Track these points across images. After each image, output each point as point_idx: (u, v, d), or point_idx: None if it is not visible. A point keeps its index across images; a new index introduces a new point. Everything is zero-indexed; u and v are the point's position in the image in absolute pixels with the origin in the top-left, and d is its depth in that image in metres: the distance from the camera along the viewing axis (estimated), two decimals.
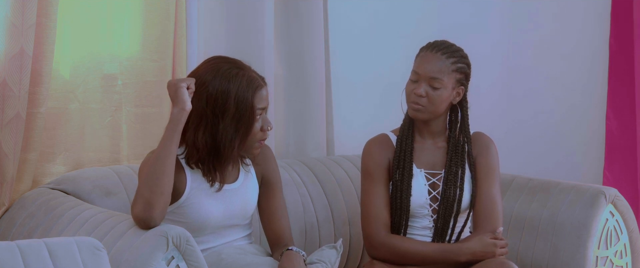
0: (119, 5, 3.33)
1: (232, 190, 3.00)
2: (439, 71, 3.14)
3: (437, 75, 3.14)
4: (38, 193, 3.13)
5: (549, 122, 4.39)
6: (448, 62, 3.15)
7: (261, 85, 2.93)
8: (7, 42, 3.00)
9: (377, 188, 3.18)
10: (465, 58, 3.20)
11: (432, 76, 3.14)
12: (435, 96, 3.15)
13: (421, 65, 3.16)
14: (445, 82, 3.14)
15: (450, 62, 3.15)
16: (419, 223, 3.21)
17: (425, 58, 3.17)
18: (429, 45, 3.20)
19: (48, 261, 2.34)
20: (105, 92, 3.33)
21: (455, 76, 3.16)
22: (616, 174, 4.09)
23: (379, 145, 3.25)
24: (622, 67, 4.08)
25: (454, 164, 3.20)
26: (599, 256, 3.43)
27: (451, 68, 3.15)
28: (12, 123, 3.04)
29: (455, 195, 3.17)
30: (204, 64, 2.95)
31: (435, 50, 3.16)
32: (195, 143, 2.90)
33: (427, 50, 3.18)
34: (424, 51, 3.19)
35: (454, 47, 3.19)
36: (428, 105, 3.16)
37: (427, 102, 3.15)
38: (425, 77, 3.14)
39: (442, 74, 3.14)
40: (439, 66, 3.14)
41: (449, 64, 3.15)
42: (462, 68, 3.17)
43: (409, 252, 3.15)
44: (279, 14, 3.71)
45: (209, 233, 2.97)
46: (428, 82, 3.15)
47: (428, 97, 3.15)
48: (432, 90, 3.15)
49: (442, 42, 3.19)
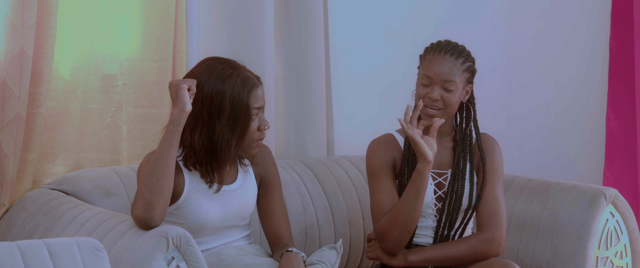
0: (119, 6, 3.33)
1: (230, 191, 3.00)
2: (452, 73, 3.14)
3: (450, 78, 3.13)
4: (38, 193, 3.13)
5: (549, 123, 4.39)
6: (458, 63, 3.15)
7: (256, 85, 2.93)
8: (7, 42, 3.00)
9: (386, 186, 3.18)
10: (470, 56, 3.21)
11: (445, 79, 3.13)
12: (449, 98, 3.14)
13: (432, 69, 3.15)
14: (458, 84, 3.14)
15: (459, 62, 3.15)
16: (423, 222, 3.22)
17: (434, 61, 3.15)
18: (435, 48, 3.18)
19: (48, 261, 2.34)
20: (105, 93, 3.33)
21: (465, 76, 3.17)
22: (616, 174, 4.09)
23: (384, 144, 3.25)
24: (622, 67, 4.07)
25: (462, 158, 3.20)
26: (599, 256, 3.43)
27: (461, 68, 3.15)
28: (12, 123, 3.04)
29: (463, 189, 3.18)
30: (199, 65, 2.95)
31: (443, 52, 3.16)
32: (192, 144, 2.90)
33: (435, 52, 3.17)
34: (431, 54, 3.17)
35: (459, 47, 3.19)
36: (444, 108, 3.15)
37: (442, 105, 3.15)
38: (438, 80, 3.13)
39: (454, 75, 3.14)
40: (451, 68, 3.14)
41: (459, 64, 3.15)
42: (470, 67, 3.18)
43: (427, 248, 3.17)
44: (279, 14, 3.71)
45: (208, 234, 2.97)
46: (441, 85, 3.13)
47: (443, 100, 3.14)
48: (446, 93, 3.14)
49: (446, 43, 3.19)
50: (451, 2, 4.26)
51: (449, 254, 3.16)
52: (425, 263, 3.17)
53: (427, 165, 3.07)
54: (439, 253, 3.17)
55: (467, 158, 3.22)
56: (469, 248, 3.16)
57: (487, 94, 4.31)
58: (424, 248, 3.18)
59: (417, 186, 3.08)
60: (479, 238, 3.16)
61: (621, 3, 4.06)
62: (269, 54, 3.61)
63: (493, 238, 3.15)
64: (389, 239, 3.12)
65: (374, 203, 3.19)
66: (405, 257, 3.16)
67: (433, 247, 3.19)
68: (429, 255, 3.16)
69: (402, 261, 3.16)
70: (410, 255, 3.16)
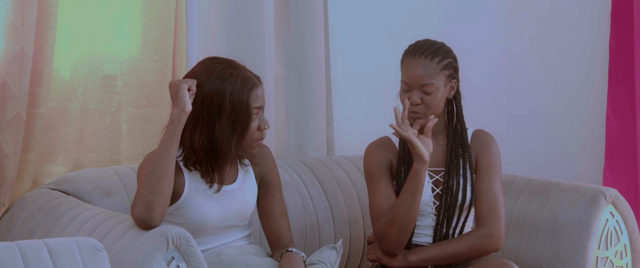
0: (119, 5, 3.33)
1: (230, 191, 3.00)
2: (428, 76, 3.14)
3: (427, 81, 3.13)
4: (38, 193, 3.13)
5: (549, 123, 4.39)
6: (433, 64, 3.14)
7: (256, 85, 2.93)
8: (7, 42, 3.00)
9: (384, 187, 3.18)
10: (449, 52, 3.19)
11: (422, 83, 3.13)
12: (430, 100, 3.14)
13: (408, 74, 3.15)
14: (437, 84, 3.14)
15: (435, 62, 3.14)
16: (422, 221, 3.22)
17: (410, 66, 3.15)
18: (410, 51, 3.18)
19: (48, 261, 2.34)
20: (105, 93, 3.33)
21: (444, 74, 3.16)
22: (616, 174, 4.09)
23: (380, 147, 3.25)
24: (622, 67, 4.07)
25: (456, 155, 3.20)
26: (599, 256, 3.43)
27: (438, 68, 3.14)
28: (12, 123, 3.04)
29: (459, 185, 3.18)
30: (198, 65, 2.95)
31: (417, 55, 3.15)
32: (193, 144, 2.90)
33: (410, 56, 3.16)
34: (408, 58, 3.17)
35: (435, 46, 3.17)
36: (426, 111, 3.15)
37: (423, 108, 3.15)
38: (416, 85, 3.14)
39: (431, 77, 3.13)
40: (426, 71, 3.14)
41: (434, 64, 3.14)
42: (449, 64, 3.17)
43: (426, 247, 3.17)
44: (279, 14, 3.71)
45: (208, 234, 2.97)
46: (420, 89, 3.14)
47: (424, 103, 3.14)
48: (426, 96, 3.14)
49: (422, 44, 3.18)
50: (451, 2, 4.26)
51: (448, 252, 3.16)
52: (425, 262, 3.17)
53: (424, 165, 3.07)
54: (438, 251, 3.17)
55: (460, 153, 3.22)
56: (468, 245, 3.16)
57: (487, 94, 4.31)
58: (423, 248, 3.19)
59: (414, 186, 3.08)
60: (478, 234, 3.16)
61: (621, 3, 4.06)
62: (269, 54, 3.61)
63: (492, 233, 3.16)
64: (389, 240, 3.12)
65: (372, 205, 3.19)
66: (405, 258, 3.16)
67: (432, 246, 3.19)
68: (428, 254, 3.16)
69: (402, 261, 3.16)
70: (410, 256, 3.16)
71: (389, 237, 3.12)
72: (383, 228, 3.13)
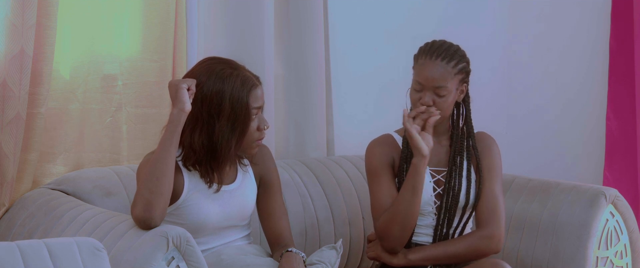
0: (119, 5, 3.33)
1: (230, 191, 3.00)
2: (443, 78, 3.11)
3: (441, 84, 3.11)
4: (38, 193, 3.13)
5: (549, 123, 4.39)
6: (449, 67, 3.12)
7: (256, 85, 2.93)
8: (7, 42, 3.00)
9: (385, 185, 3.18)
10: (464, 56, 3.18)
11: (436, 85, 3.11)
12: (441, 102, 3.12)
13: (423, 75, 3.12)
14: (450, 87, 3.12)
15: (451, 66, 3.12)
16: (422, 221, 3.22)
17: (425, 66, 3.13)
18: (426, 51, 3.15)
19: (48, 261, 2.34)
20: (105, 93, 3.33)
21: (458, 78, 3.14)
22: (616, 174, 4.09)
23: (382, 144, 3.25)
24: (622, 67, 4.07)
25: (459, 156, 3.20)
26: (599, 256, 3.43)
27: (453, 72, 3.13)
28: (12, 123, 3.04)
29: (460, 186, 3.18)
30: (198, 66, 2.95)
31: (434, 56, 3.13)
32: (192, 144, 2.90)
33: (427, 57, 3.13)
34: (423, 58, 3.14)
35: (452, 48, 3.16)
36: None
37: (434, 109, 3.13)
38: (430, 86, 3.11)
39: (446, 80, 3.11)
40: (441, 73, 3.11)
41: (450, 68, 3.12)
42: (463, 68, 3.16)
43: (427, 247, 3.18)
44: (279, 14, 3.71)
45: (208, 234, 2.97)
46: (433, 90, 3.12)
47: (435, 104, 3.12)
48: (439, 98, 3.12)
49: (439, 46, 3.16)
50: (451, 2, 4.26)
51: (448, 252, 3.17)
52: (425, 261, 3.17)
53: (423, 159, 3.07)
54: (438, 251, 3.17)
55: (464, 155, 3.22)
56: (468, 246, 3.16)
57: (487, 94, 4.31)
58: (424, 247, 3.19)
59: (414, 181, 3.08)
60: (478, 235, 3.17)
61: (621, 3, 4.06)
62: (269, 54, 3.61)
63: (492, 235, 3.16)
64: (390, 237, 3.12)
65: (374, 202, 3.19)
66: (406, 256, 3.16)
67: (433, 246, 3.19)
68: (429, 254, 3.17)
69: (403, 260, 3.16)
70: (410, 254, 3.16)
71: (390, 234, 3.12)
72: (384, 225, 3.13)
